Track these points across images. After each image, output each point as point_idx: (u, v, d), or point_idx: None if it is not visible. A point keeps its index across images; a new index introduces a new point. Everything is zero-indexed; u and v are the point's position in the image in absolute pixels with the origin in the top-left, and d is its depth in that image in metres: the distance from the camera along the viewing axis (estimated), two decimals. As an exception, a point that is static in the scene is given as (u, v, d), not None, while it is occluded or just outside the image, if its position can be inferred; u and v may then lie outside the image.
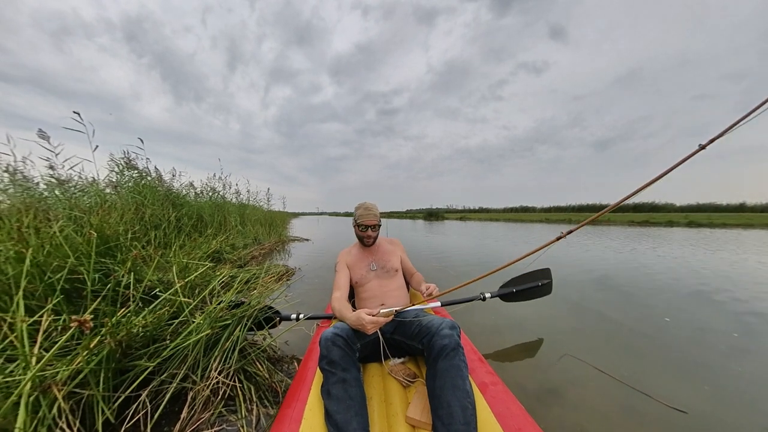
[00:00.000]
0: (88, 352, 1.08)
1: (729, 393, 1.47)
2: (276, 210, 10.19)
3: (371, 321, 1.10)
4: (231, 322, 1.48)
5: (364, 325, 1.09)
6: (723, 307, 2.73)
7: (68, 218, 2.25)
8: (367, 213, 1.59)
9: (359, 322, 1.10)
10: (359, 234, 1.63)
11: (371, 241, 1.63)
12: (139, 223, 3.10)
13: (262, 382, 1.42)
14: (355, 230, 1.67)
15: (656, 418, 1.29)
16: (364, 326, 1.09)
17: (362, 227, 1.59)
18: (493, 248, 6.95)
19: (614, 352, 1.88)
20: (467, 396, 0.91)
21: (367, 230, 1.59)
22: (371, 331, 1.11)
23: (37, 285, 1.37)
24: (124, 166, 3.92)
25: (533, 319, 2.37)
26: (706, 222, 19.33)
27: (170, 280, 1.72)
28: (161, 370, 1.26)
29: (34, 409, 0.94)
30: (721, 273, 4.12)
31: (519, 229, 14.10)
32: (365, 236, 1.61)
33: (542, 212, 54.67)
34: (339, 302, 1.32)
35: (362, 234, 1.61)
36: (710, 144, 0.71)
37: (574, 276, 3.93)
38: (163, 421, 1.19)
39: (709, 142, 0.71)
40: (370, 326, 1.10)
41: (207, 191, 5.81)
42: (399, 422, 0.97)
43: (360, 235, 1.64)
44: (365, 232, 1.60)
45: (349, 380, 0.96)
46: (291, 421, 0.93)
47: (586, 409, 1.34)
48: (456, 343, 1.02)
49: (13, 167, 2.80)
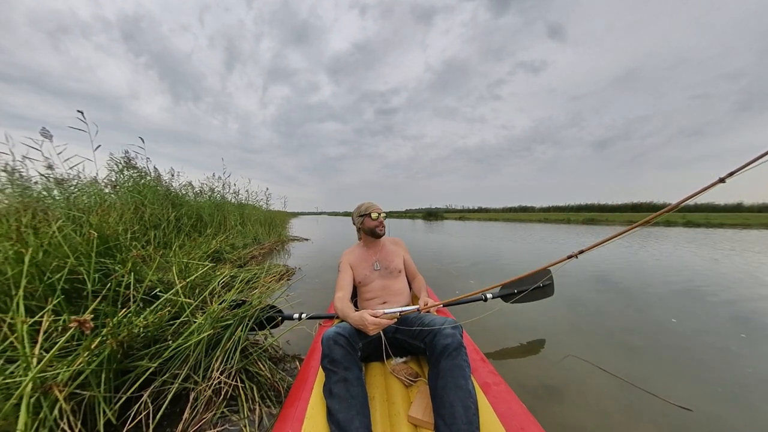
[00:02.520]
0: (89, 352, 1.08)
1: (738, 393, 1.46)
2: (275, 210, 10.18)
3: (374, 322, 1.09)
4: (232, 322, 1.48)
5: (366, 326, 1.09)
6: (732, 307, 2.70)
7: (67, 218, 2.24)
8: (372, 204, 1.63)
9: (362, 323, 1.10)
10: (370, 225, 1.61)
11: (383, 230, 1.63)
12: (138, 222, 3.09)
13: (264, 381, 1.42)
14: (362, 225, 1.65)
15: (661, 417, 1.28)
16: (366, 327, 1.09)
17: (374, 216, 1.59)
18: (494, 248, 6.96)
19: (618, 352, 1.88)
20: (470, 396, 0.92)
21: (378, 217, 1.59)
22: (373, 333, 1.11)
23: (36, 285, 1.37)
24: (123, 166, 3.90)
25: (536, 318, 2.37)
26: (704, 222, 19.41)
27: (171, 280, 1.71)
28: (163, 370, 1.26)
29: (35, 410, 0.93)
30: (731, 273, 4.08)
31: (519, 229, 14.08)
32: (376, 225, 1.60)
33: (541, 212, 54.82)
34: (342, 302, 1.32)
35: (373, 224, 1.60)
36: (730, 177, 0.71)
37: (577, 275, 3.92)
38: (165, 422, 1.18)
39: (728, 175, 0.71)
40: (372, 328, 1.09)
41: (206, 191, 5.80)
42: (401, 421, 0.98)
43: (370, 226, 1.61)
44: (377, 219, 1.59)
45: (351, 379, 0.96)
46: (293, 420, 0.93)
47: (590, 408, 1.34)
48: (458, 342, 1.02)
49: (12, 167, 2.79)
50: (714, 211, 34.57)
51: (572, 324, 2.32)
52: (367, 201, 1.68)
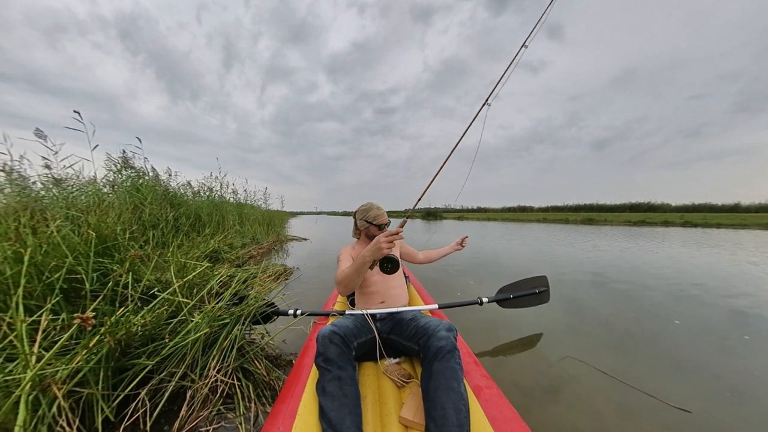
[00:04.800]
0: (87, 351, 1.09)
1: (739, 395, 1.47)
2: (274, 209, 10.18)
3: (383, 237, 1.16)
4: (229, 321, 1.49)
5: (376, 244, 1.16)
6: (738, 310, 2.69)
7: (65, 218, 2.25)
8: (381, 213, 1.65)
9: (376, 244, 1.17)
10: (374, 233, 1.63)
11: None
12: (137, 222, 3.10)
13: (260, 379, 1.44)
14: (365, 230, 1.66)
15: (660, 419, 1.29)
16: (376, 246, 1.16)
17: (381, 227, 1.61)
18: (491, 249, 6.98)
19: (617, 353, 1.87)
20: (461, 398, 0.92)
21: (384, 228, 1.61)
22: (387, 248, 1.16)
23: (35, 285, 1.38)
24: (121, 166, 3.91)
25: (533, 319, 2.37)
26: (702, 222, 19.47)
27: (168, 279, 1.73)
28: (160, 368, 1.28)
29: (34, 407, 0.95)
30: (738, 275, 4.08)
31: (520, 230, 14.06)
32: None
33: (540, 212, 54.77)
34: (346, 267, 1.36)
35: (378, 233, 1.61)
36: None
37: (575, 276, 3.93)
38: (162, 420, 1.20)
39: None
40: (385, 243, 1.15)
41: (204, 190, 5.80)
42: (392, 422, 0.98)
43: (375, 235, 1.62)
44: (383, 230, 1.60)
45: (345, 378, 0.97)
46: (285, 417, 0.93)
47: (588, 410, 1.34)
48: (452, 345, 1.03)
49: (10, 166, 2.79)
50: (712, 211, 34.66)
51: (570, 325, 2.32)
52: (375, 205, 1.66)
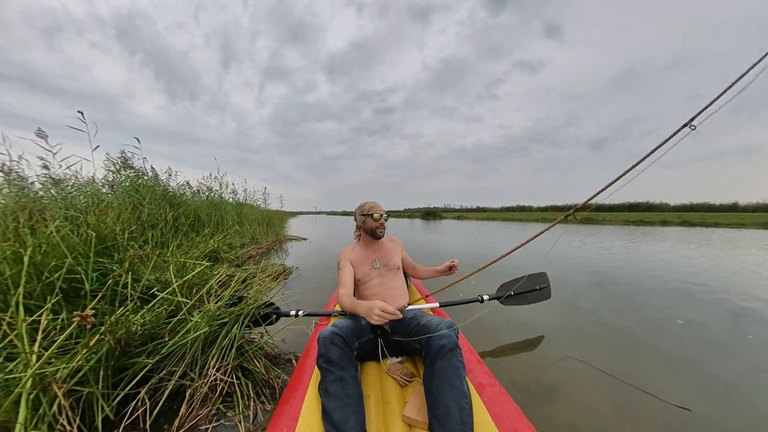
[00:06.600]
0: (87, 350, 1.09)
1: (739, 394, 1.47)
2: (273, 209, 10.17)
3: (381, 306, 1.06)
4: (229, 320, 1.49)
5: (372, 309, 1.06)
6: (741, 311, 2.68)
7: (65, 218, 2.25)
8: (376, 205, 1.66)
9: (372, 310, 1.07)
10: (371, 225, 1.63)
11: (383, 232, 1.66)
12: (136, 222, 3.09)
13: (259, 378, 1.44)
14: (364, 225, 1.67)
15: (659, 417, 1.30)
16: (371, 311, 1.06)
17: (377, 217, 1.61)
18: (492, 247, 7.00)
19: (617, 353, 1.87)
20: (464, 396, 0.92)
21: (380, 218, 1.61)
22: (376, 321, 1.06)
23: (35, 285, 1.38)
24: (120, 166, 3.90)
25: (533, 318, 2.37)
26: (700, 221, 19.54)
27: (168, 279, 1.73)
28: (160, 367, 1.28)
29: (35, 406, 0.95)
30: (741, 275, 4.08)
31: (520, 230, 14.07)
32: (377, 226, 1.62)
33: (539, 211, 54.90)
34: (348, 297, 1.33)
35: (374, 225, 1.62)
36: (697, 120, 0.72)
37: (576, 276, 3.92)
38: (162, 418, 1.20)
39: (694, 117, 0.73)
40: (377, 316, 1.05)
41: (204, 190, 5.79)
42: (396, 421, 0.98)
43: (372, 227, 1.63)
44: (379, 221, 1.62)
45: (347, 378, 0.97)
46: (288, 418, 0.93)
47: (587, 409, 1.34)
48: (454, 343, 1.03)
49: (8, 167, 2.79)
50: (710, 211, 34.77)
51: (570, 325, 2.32)
52: (371, 201, 1.69)
